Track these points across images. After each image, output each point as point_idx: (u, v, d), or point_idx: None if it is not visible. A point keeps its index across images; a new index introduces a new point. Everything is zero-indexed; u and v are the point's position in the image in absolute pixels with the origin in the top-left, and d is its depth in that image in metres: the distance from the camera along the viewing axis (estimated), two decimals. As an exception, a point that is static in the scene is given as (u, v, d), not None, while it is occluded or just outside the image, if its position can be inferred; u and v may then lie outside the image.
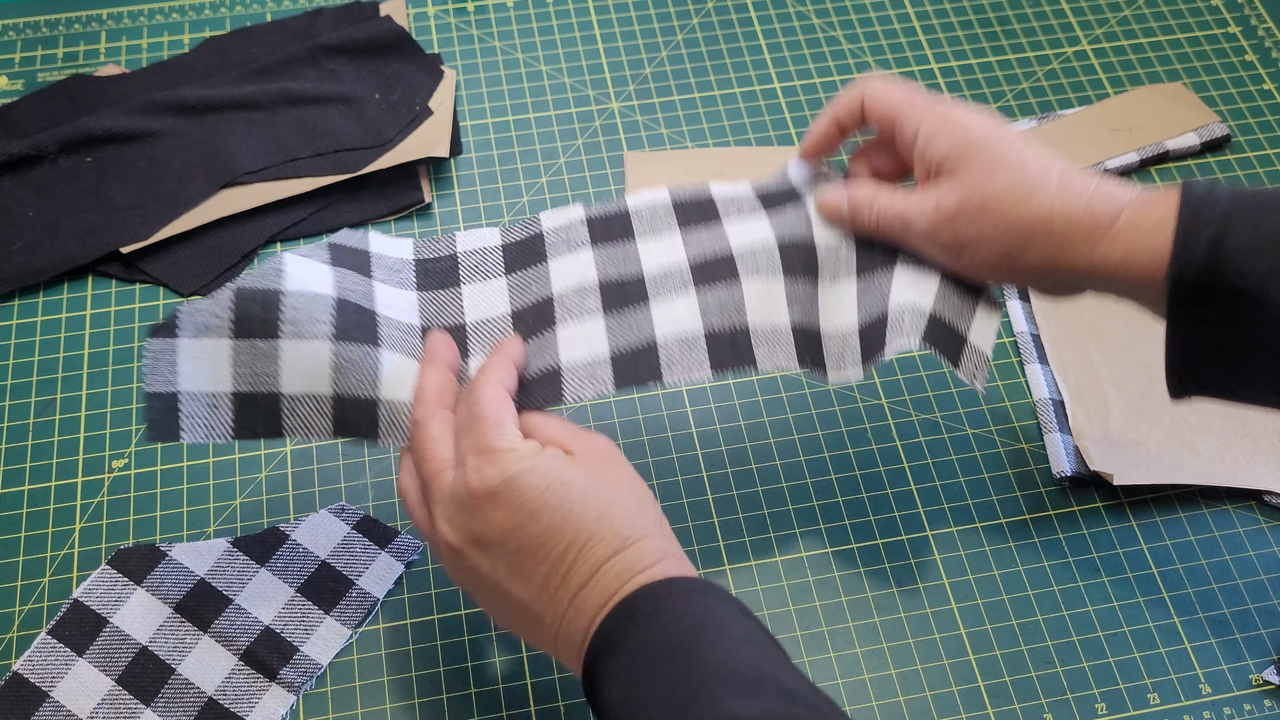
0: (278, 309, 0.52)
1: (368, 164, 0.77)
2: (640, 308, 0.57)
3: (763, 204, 0.61)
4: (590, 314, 0.56)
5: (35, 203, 0.75)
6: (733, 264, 0.58)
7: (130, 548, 0.63)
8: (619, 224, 0.60)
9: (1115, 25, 0.88)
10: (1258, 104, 0.83)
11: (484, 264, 0.60)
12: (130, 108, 0.79)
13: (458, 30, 0.87)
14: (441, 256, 0.60)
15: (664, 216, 0.60)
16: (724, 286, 0.58)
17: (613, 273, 0.58)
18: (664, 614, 0.46)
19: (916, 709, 0.60)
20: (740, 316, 0.57)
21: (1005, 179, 0.53)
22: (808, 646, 0.61)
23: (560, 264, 0.59)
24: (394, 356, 0.54)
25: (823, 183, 0.61)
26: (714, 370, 0.56)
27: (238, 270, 0.74)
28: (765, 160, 0.80)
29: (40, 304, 0.73)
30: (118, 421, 0.69)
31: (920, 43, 0.87)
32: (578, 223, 0.60)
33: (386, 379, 0.53)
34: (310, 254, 0.56)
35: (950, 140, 0.54)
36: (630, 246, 0.59)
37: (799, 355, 0.57)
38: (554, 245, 0.59)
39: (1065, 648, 0.62)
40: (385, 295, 0.57)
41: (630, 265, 0.58)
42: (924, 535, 0.65)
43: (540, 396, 0.55)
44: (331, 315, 0.53)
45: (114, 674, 0.59)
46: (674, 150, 0.81)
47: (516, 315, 0.58)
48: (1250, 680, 0.61)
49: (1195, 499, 0.66)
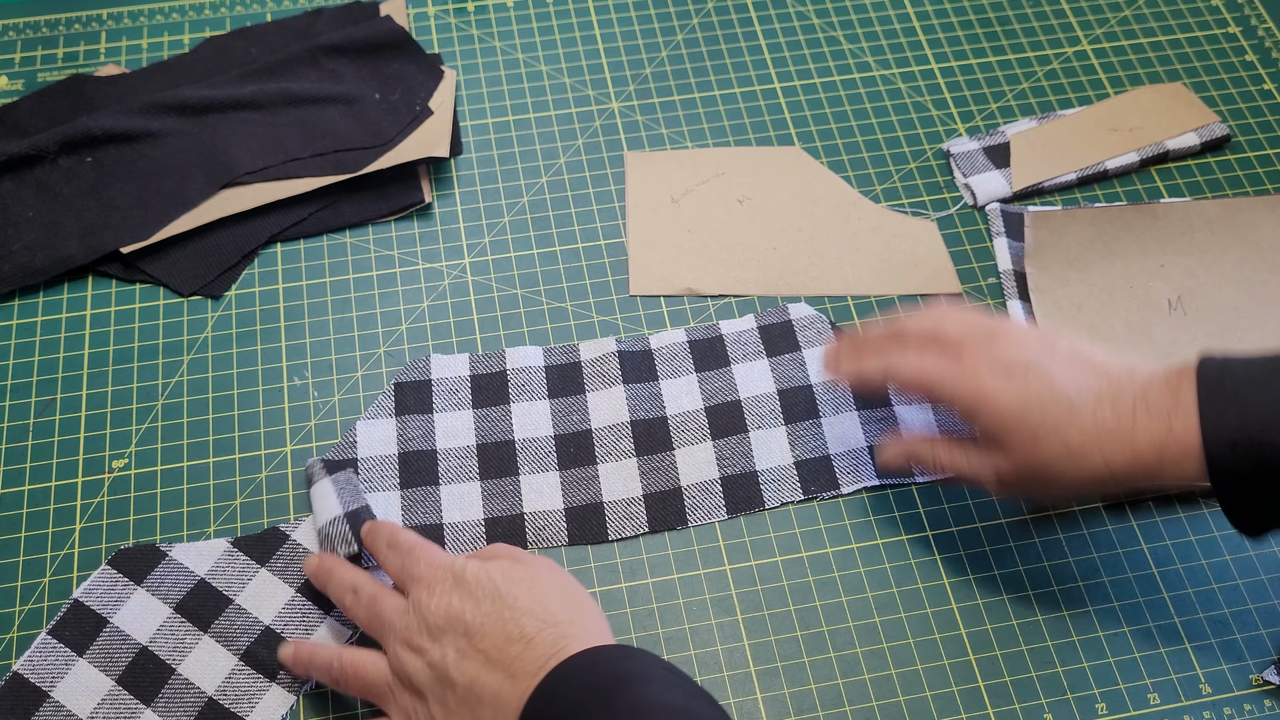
0: (357, 474, 0.66)
1: (368, 164, 0.77)
2: (666, 454, 0.67)
3: (764, 346, 0.70)
4: (626, 455, 0.66)
5: (35, 203, 0.75)
6: (742, 414, 0.68)
7: (130, 548, 0.63)
8: (644, 362, 0.70)
9: (1115, 25, 0.88)
10: (1258, 104, 0.83)
11: (530, 384, 0.69)
12: (130, 108, 0.79)
13: (458, 30, 0.87)
14: (494, 373, 0.70)
15: (682, 359, 0.70)
16: (736, 438, 0.67)
17: (642, 414, 0.68)
18: (587, 672, 0.49)
19: (916, 709, 0.60)
20: (749, 463, 0.66)
21: (1049, 451, 0.55)
22: (808, 646, 0.61)
23: (597, 398, 0.68)
24: (450, 489, 0.66)
25: (829, 375, 0.67)
26: (730, 513, 0.65)
27: (238, 270, 0.74)
28: (764, 161, 0.80)
29: (40, 304, 0.73)
30: (118, 421, 0.69)
31: (920, 43, 0.87)
32: (610, 355, 0.70)
33: (447, 507, 0.65)
34: (377, 412, 0.68)
35: (986, 421, 0.57)
36: (655, 387, 0.69)
37: (804, 487, 0.66)
38: (590, 378, 0.69)
39: (1065, 648, 0.62)
40: (445, 424, 0.68)
41: (656, 406, 0.68)
42: (924, 535, 0.65)
43: (588, 530, 0.65)
44: (397, 470, 0.66)
45: (114, 674, 0.59)
46: (674, 150, 0.81)
47: (559, 439, 0.67)
48: (1250, 680, 0.61)
49: (1195, 499, 0.66)
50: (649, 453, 0.67)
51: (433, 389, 0.69)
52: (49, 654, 0.59)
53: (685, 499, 0.65)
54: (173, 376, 0.71)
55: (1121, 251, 0.75)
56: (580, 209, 0.78)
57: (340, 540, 0.61)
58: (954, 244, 0.76)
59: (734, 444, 0.67)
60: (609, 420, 0.67)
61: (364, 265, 0.75)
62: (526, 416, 0.68)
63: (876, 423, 0.68)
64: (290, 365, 0.71)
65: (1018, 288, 0.73)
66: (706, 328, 0.71)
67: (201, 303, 0.74)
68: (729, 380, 0.69)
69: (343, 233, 0.77)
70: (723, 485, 0.66)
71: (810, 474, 0.66)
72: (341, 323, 0.73)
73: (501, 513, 0.65)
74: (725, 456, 0.66)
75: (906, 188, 0.79)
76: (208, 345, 0.72)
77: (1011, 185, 0.78)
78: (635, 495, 0.65)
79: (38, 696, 0.58)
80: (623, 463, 0.66)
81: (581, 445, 0.67)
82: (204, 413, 0.69)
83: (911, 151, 0.81)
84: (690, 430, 0.67)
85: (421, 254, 0.76)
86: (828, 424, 0.68)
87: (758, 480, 0.66)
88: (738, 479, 0.66)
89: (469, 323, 0.73)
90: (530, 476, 0.66)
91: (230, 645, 0.60)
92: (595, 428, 0.67)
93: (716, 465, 0.66)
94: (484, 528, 0.64)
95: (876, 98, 0.84)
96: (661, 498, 0.65)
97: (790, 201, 0.78)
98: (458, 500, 0.65)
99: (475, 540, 0.64)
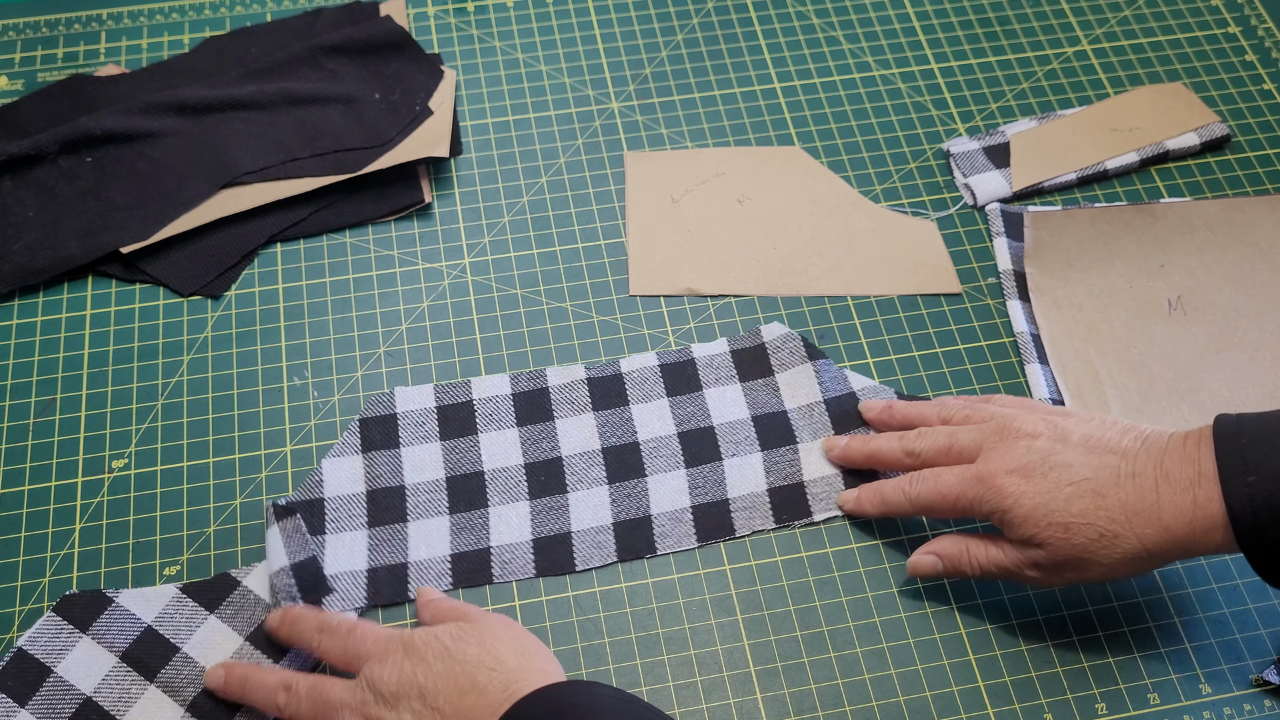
0: (323, 513, 0.65)
1: (368, 164, 0.77)
2: (638, 481, 0.66)
3: (737, 371, 0.70)
4: (597, 483, 0.66)
5: (35, 203, 0.75)
6: (715, 441, 0.67)
7: (75, 594, 0.61)
8: (615, 387, 0.69)
9: (1115, 25, 0.88)
10: (1258, 104, 0.83)
11: (497, 412, 0.68)
12: (130, 108, 0.79)
13: (458, 30, 0.87)
14: (460, 403, 0.68)
15: (653, 383, 0.69)
16: (709, 466, 0.66)
17: (613, 440, 0.67)
18: (540, 707, 0.50)
19: (916, 709, 0.60)
20: (721, 490, 0.66)
21: (1082, 539, 0.56)
22: (808, 647, 0.61)
23: (566, 425, 0.68)
24: (418, 524, 0.65)
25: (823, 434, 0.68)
26: (700, 542, 0.65)
27: (238, 270, 0.75)
28: (764, 161, 0.80)
29: (40, 304, 0.73)
30: (118, 421, 0.69)
31: (920, 43, 0.87)
32: (579, 382, 0.69)
33: (414, 545, 0.64)
34: (343, 450, 0.66)
35: (1017, 524, 0.57)
36: (626, 412, 0.68)
37: (776, 515, 0.65)
38: (559, 404, 0.68)
39: (1065, 648, 0.62)
40: (413, 458, 0.66)
41: (628, 432, 0.67)
42: (924, 535, 0.65)
43: (555, 561, 0.64)
44: (365, 508, 0.65)
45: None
46: (674, 150, 0.81)
47: (530, 468, 0.66)
48: (1250, 680, 0.61)
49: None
50: (620, 479, 0.66)
51: (398, 422, 0.67)
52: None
53: (655, 527, 0.65)
54: (173, 376, 0.71)
55: (1121, 251, 0.75)
56: (580, 209, 0.78)
57: (284, 593, 0.59)
58: (954, 244, 0.76)
59: (706, 472, 0.66)
60: (580, 448, 0.67)
61: (364, 265, 0.75)
62: (495, 446, 0.67)
63: None
64: (290, 365, 0.71)
65: (1017, 288, 0.73)
66: (678, 351, 0.71)
67: (201, 303, 0.74)
68: (701, 405, 0.68)
69: (343, 233, 0.77)
70: (693, 513, 0.65)
71: (783, 502, 0.65)
72: (341, 323, 0.73)
73: (468, 547, 0.64)
74: (697, 485, 0.66)
75: (906, 188, 0.79)
76: (208, 345, 0.72)
77: (1011, 185, 0.78)
78: (605, 524, 0.65)
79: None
80: (594, 490, 0.66)
81: (552, 473, 0.66)
82: (204, 413, 0.69)
83: (911, 151, 0.81)
84: (663, 456, 0.67)
85: (421, 254, 0.76)
86: (803, 449, 0.67)
87: (729, 508, 0.65)
88: (709, 507, 0.65)
89: (469, 323, 0.73)
90: (500, 507, 0.65)
91: (176, 696, 0.58)
92: (566, 455, 0.67)
93: (689, 493, 0.66)
94: (450, 563, 0.64)
95: (876, 98, 0.84)
96: (631, 526, 0.65)
97: (790, 201, 0.78)
98: (424, 537, 0.64)
99: (440, 577, 0.63)
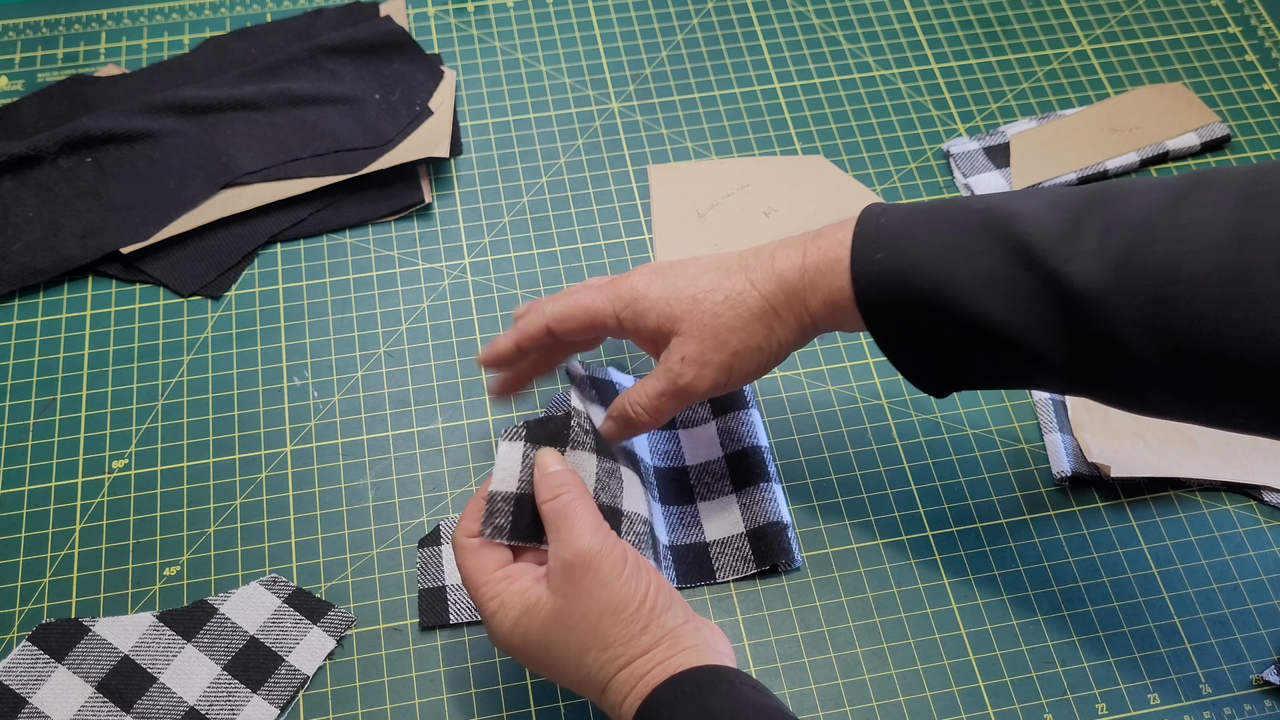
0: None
1: (368, 164, 0.77)
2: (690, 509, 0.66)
3: (710, 405, 0.69)
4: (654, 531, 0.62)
5: (35, 203, 0.75)
6: (764, 463, 0.66)
7: (52, 623, 0.61)
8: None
9: (1115, 25, 0.88)
10: (1258, 104, 0.83)
11: (581, 434, 0.59)
12: (130, 108, 0.79)
13: (458, 30, 0.87)
14: (557, 416, 0.60)
15: (699, 405, 0.69)
16: (760, 486, 0.66)
17: (665, 462, 0.67)
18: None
19: (916, 709, 0.60)
20: (700, 534, 0.65)
21: (711, 302, 0.56)
22: (808, 647, 0.61)
23: (631, 474, 0.61)
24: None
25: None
26: (758, 565, 0.63)
27: (238, 270, 0.75)
28: (788, 171, 0.80)
29: (40, 304, 0.73)
30: (118, 421, 0.69)
31: (920, 43, 0.87)
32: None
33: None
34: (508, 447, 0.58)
35: (651, 313, 0.57)
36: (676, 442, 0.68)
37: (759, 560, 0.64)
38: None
39: (1065, 648, 0.62)
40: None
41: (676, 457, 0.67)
42: (924, 535, 0.65)
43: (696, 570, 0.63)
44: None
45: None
46: (697, 161, 0.80)
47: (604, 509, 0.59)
48: (1250, 680, 0.61)
49: (1195, 498, 0.66)
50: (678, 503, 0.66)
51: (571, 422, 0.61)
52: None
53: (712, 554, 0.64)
54: (173, 376, 0.71)
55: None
56: (580, 209, 0.78)
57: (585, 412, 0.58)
58: (954, 244, 0.76)
59: (681, 512, 0.66)
60: (640, 497, 0.62)
61: (364, 265, 0.75)
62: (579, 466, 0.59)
63: None
64: (290, 365, 0.71)
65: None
66: None
67: (201, 303, 0.74)
68: (675, 445, 0.68)
69: (343, 233, 0.77)
70: (749, 539, 0.64)
71: (761, 545, 0.64)
72: (341, 323, 0.73)
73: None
74: (674, 527, 0.65)
75: (906, 188, 0.79)
76: (208, 345, 0.72)
77: (1011, 185, 0.78)
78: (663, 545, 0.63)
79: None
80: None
81: (612, 513, 0.59)
82: (204, 413, 0.69)
83: (911, 151, 0.81)
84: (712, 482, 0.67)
85: (421, 254, 0.76)
86: (777, 489, 0.65)
87: (708, 551, 0.64)
88: (688, 548, 0.64)
89: (469, 323, 0.73)
90: (704, 503, 0.66)
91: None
92: (627, 511, 0.59)
93: (742, 522, 0.65)
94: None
95: (876, 98, 0.84)
96: (686, 550, 0.64)
97: (817, 212, 0.77)
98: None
99: None
